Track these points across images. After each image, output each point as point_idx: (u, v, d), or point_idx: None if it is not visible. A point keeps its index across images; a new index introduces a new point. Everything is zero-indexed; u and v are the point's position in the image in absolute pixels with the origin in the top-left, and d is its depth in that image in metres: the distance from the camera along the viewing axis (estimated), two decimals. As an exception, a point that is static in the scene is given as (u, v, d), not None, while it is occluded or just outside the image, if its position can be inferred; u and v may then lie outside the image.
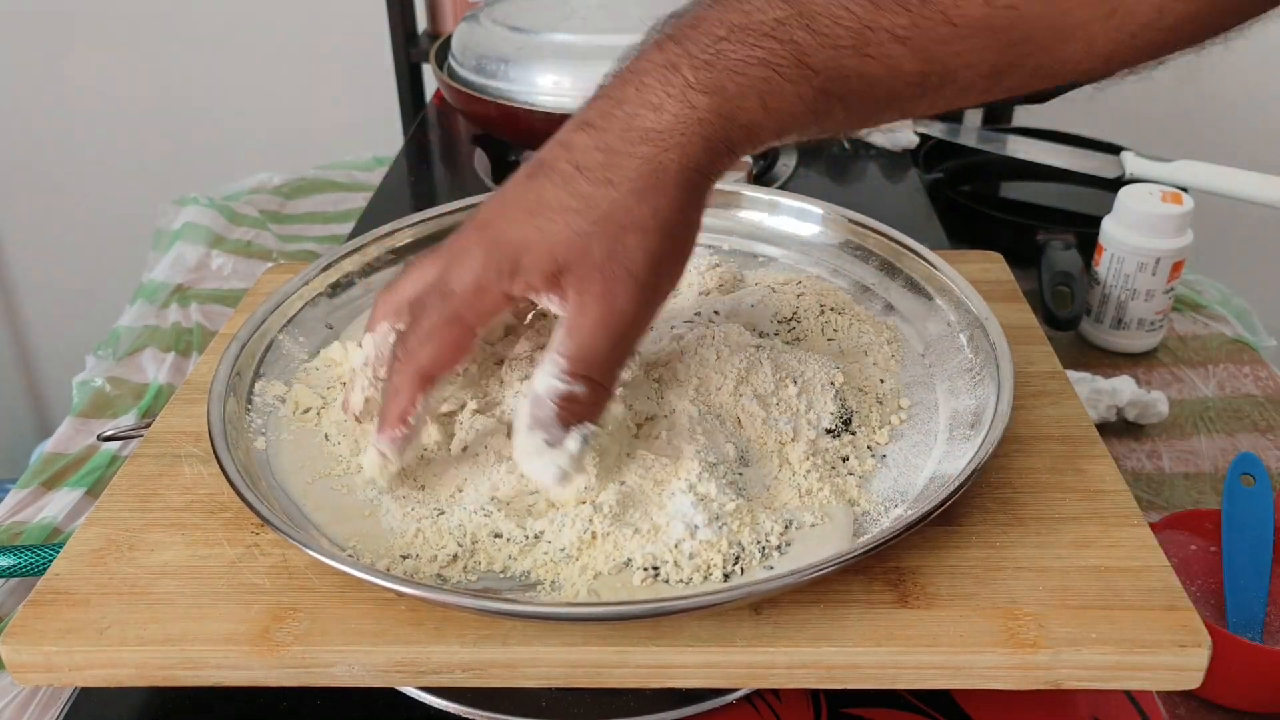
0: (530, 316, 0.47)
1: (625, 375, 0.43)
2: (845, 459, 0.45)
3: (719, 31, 0.37)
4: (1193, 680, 0.36)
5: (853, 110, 0.39)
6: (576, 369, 0.38)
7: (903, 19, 0.36)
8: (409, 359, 0.40)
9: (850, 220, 0.58)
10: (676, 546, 0.39)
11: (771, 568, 0.39)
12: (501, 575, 0.40)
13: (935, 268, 0.54)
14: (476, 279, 0.38)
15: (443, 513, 0.42)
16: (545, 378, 0.38)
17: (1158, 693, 0.44)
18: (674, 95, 0.37)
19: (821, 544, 0.40)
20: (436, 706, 0.43)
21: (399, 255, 0.58)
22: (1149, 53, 0.38)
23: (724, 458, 0.43)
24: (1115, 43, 0.37)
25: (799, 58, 0.37)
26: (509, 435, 0.42)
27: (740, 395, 0.45)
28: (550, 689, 0.42)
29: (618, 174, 0.37)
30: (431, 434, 0.44)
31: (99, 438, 0.57)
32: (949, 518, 0.40)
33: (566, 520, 0.40)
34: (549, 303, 0.39)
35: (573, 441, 0.39)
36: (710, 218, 0.61)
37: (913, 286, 0.55)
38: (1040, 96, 0.97)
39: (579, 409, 0.39)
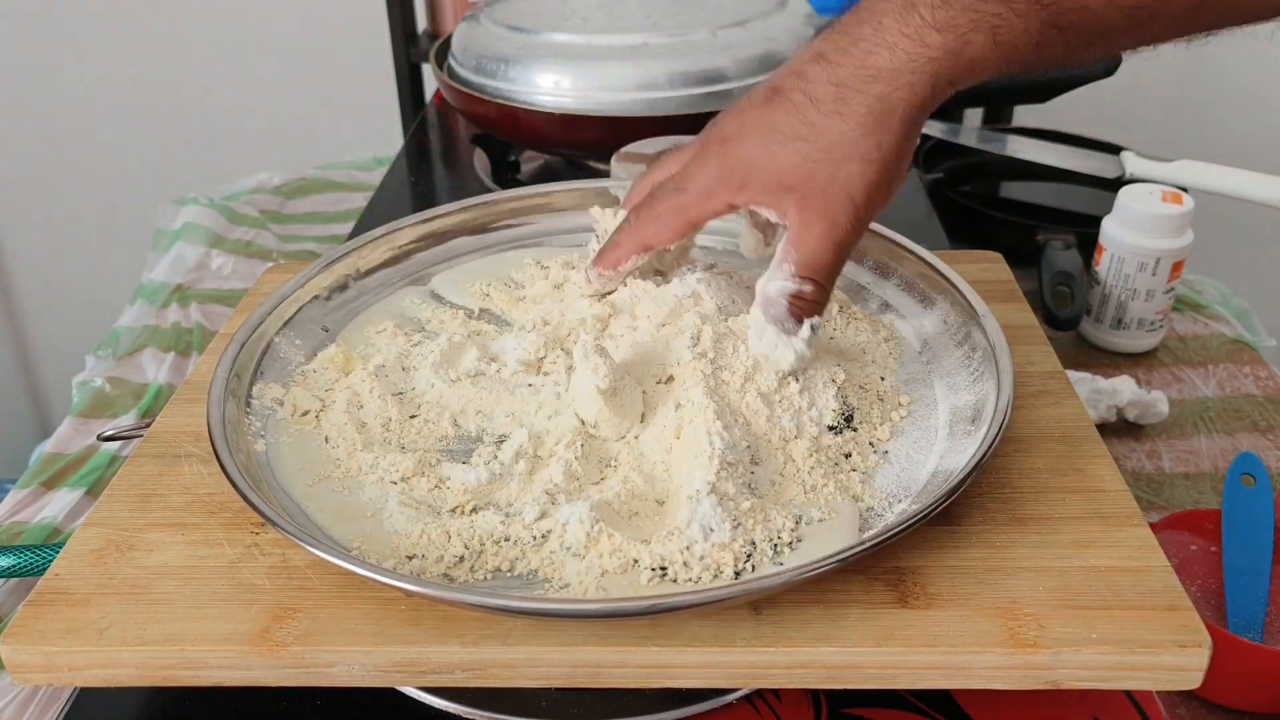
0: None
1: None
2: (848, 455, 0.45)
3: None
4: (1193, 680, 0.36)
5: (1070, 43, 0.41)
6: (804, 273, 0.44)
7: None
8: (637, 227, 0.49)
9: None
10: (688, 548, 0.39)
11: (782, 564, 0.39)
12: (509, 575, 0.40)
13: (932, 267, 0.54)
14: (708, 185, 0.45)
15: (450, 511, 0.42)
16: (777, 281, 0.44)
17: (1158, 693, 0.44)
18: (909, 35, 0.40)
19: (830, 539, 0.40)
20: (436, 706, 0.43)
21: (399, 255, 0.59)
22: None
23: (741, 457, 0.43)
24: None
25: None
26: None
27: (745, 393, 0.45)
28: (550, 689, 0.42)
29: (847, 108, 0.41)
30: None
31: (99, 438, 0.57)
32: (949, 518, 0.40)
33: (574, 516, 0.40)
34: (768, 213, 0.44)
35: (805, 330, 0.45)
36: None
37: (908, 286, 0.55)
38: (1040, 96, 0.97)
39: (807, 305, 0.44)
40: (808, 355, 0.45)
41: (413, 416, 0.48)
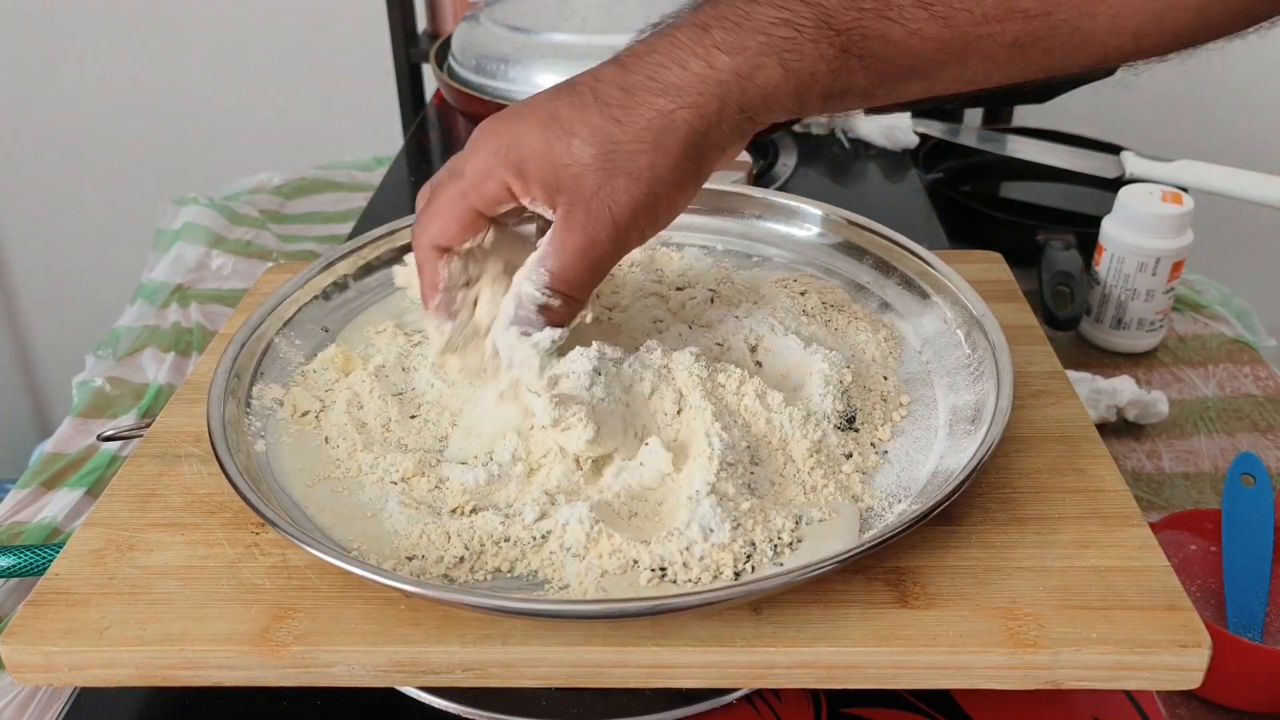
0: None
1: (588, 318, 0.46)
2: (849, 455, 0.45)
3: None
4: (1193, 680, 0.36)
5: (874, 75, 0.40)
6: (556, 285, 0.42)
7: None
8: (421, 231, 0.44)
9: (847, 221, 0.58)
10: (688, 549, 0.39)
11: (782, 564, 0.39)
12: (509, 575, 0.40)
13: (931, 266, 0.54)
14: (484, 166, 0.41)
15: (452, 512, 0.42)
16: (529, 286, 0.42)
17: (1158, 693, 0.44)
18: (699, 55, 0.39)
19: (830, 539, 0.40)
20: (436, 706, 0.43)
21: (399, 255, 0.58)
22: (1181, 36, 0.39)
23: (740, 458, 0.43)
24: (1144, 20, 0.38)
25: (823, 18, 0.38)
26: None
27: (743, 395, 0.45)
28: (550, 689, 0.42)
29: (628, 117, 0.39)
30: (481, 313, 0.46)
31: (98, 438, 0.57)
32: (949, 518, 0.40)
33: (574, 517, 0.40)
34: (541, 209, 0.41)
35: (545, 339, 0.43)
36: (706, 218, 0.62)
37: (908, 285, 0.55)
38: (1041, 96, 0.97)
39: (554, 316, 0.43)
40: (545, 364, 0.43)
41: (413, 416, 0.48)
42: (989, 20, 0.38)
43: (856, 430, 0.46)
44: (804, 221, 0.60)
